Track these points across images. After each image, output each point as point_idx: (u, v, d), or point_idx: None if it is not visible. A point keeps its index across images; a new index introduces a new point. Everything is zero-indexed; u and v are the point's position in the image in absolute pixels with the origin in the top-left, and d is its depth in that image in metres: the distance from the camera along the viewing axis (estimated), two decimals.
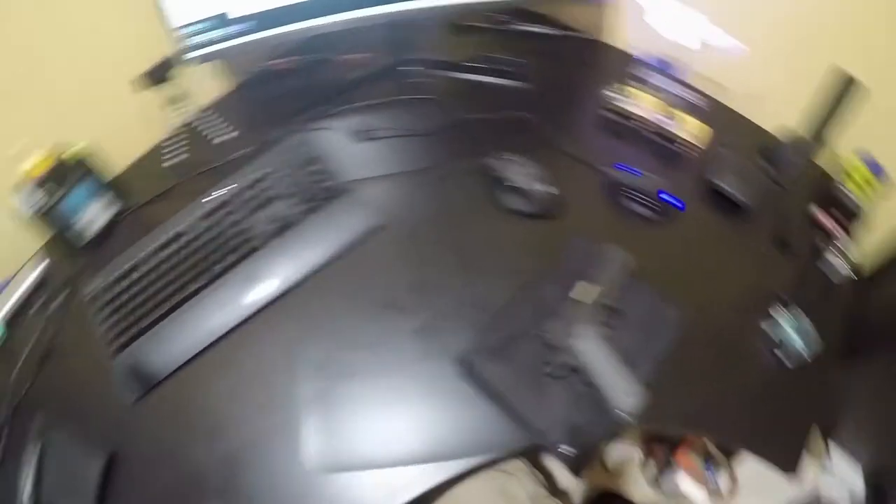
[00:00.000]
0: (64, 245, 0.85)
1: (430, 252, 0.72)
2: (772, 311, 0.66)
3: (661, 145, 0.80)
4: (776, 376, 0.64)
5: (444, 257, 0.72)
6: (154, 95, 0.88)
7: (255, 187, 0.78)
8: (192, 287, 0.73)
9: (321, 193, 0.77)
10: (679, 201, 0.74)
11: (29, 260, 0.91)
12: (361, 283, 0.71)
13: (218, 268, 0.74)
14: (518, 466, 0.71)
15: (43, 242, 0.86)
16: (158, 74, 0.85)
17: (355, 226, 0.74)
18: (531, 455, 0.74)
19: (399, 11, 0.83)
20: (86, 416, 0.72)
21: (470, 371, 0.64)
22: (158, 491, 0.64)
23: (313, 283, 0.72)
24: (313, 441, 0.62)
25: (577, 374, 0.62)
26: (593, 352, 0.62)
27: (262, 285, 0.72)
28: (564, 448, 0.60)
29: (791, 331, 0.65)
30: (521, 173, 0.72)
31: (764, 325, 0.66)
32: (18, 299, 0.87)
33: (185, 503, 0.63)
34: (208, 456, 0.64)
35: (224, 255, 0.75)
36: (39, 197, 0.79)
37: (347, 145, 0.81)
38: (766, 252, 0.73)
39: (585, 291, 0.66)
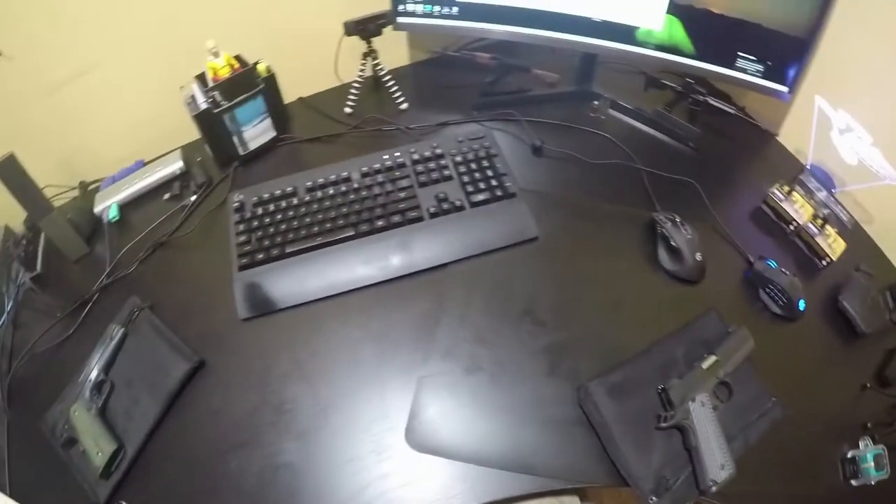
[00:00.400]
0: (219, 150, 0.88)
1: (578, 279, 0.76)
2: (860, 442, 0.68)
3: (801, 250, 0.84)
4: (842, 499, 0.66)
5: (591, 289, 0.75)
6: (350, 43, 0.92)
7: (430, 162, 0.82)
8: (338, 234, 0.77)
9: (491, 189, 0.80)
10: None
11: (168, 153, 0.95)
12: (506, 284, 0.75)
13: (366, 226, 0.77)
14: (573, 502, 0.74)
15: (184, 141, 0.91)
16: (364, 26, 0.88)
17: (517, 229, 0.78)
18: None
19: (599, 46, 0.88)
20: (187, 315, 0.77)
21: (587, 398, 0.66)
22: (235, 411, 0.68)
23: (459, 269, 0.76)
24: (417, 416, 0.65)
25: (681, 434, 0.66)
26: (704, 420, 0.65)
27: (410, 255, 0.76)
28: (654, 501, 0.63)
29: (871, 463, 0.66)
30: (684, 238, 0.76)
31: (846, 449, 0.68)
32: (146, 186, 0.91)
33: (257, 431, 0.66)
34: (295, 395, 0.68)
35: (380, 215, 0.78)
36: (216, 96, 0.82)
37: (523, 153, 0.85)
38: (868, 382, 0.76)
39: (710, 362, 0.69)
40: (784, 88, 0.82)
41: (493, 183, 0.80)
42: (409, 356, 0.70)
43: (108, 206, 0.89)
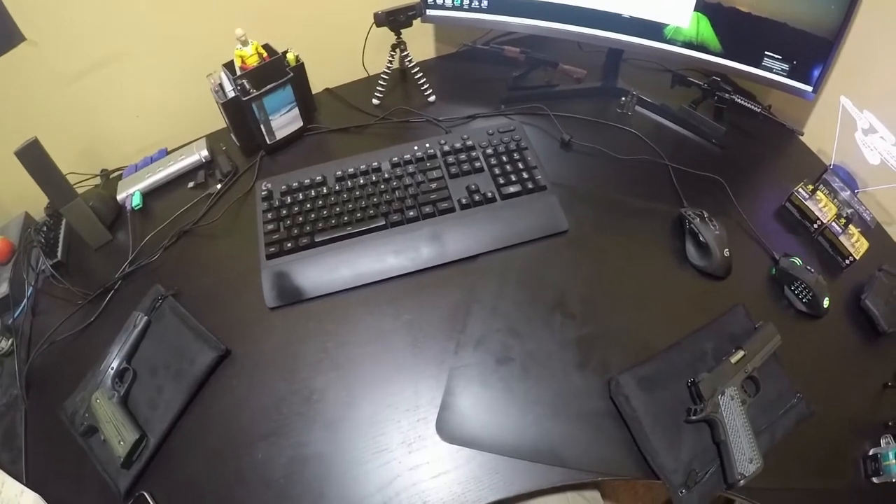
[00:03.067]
0: (246, 138, 0.88)
1: (607, 272, 0.76)
2: (882, 440, 0.68)
3: (824, 249, 0.84)
4: (864, 497, 0.66)
5: (620, 282, 0.75)
6: (377, 36, 0.92)
7: (460, 154, 0.82)
8: (369, 224, 0.76)
9: (522, 181, 0.80)
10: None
11: (192, 141, 0.94)
12: (537, 276, 0.75)
13: (397, 216, 0.77)
14: (595, 497, 0.74)
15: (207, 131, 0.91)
16: (395, 17, 0.88)
17: (547, 222, 0.78)
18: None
19: (627, 42, 0.88)
20: (212, 304, 0.76)
21: (618, 390, 0.66)
22: (262, 401, 0.67)
23: (490, 261, 0.76)
24: (448, 407, 0.65)
25: (710, 428, 0.66)
26: (733, 414, 0.66)
27: (441, 246, 0.76)
28: (684, 493, 0.63)
29: (892, 461, 0.66)
30: (713, 234, 0.76)
31: (868, 447, 0.68)
32: (170, 175, 0.90)
33: (285, 421, 0.66)
34: (324, 385, 0.67)
35: (411, 205, 0.78)
36: (245, 84, 0.82)
37: (552, 147, 0.85)
38: (889, 381, 0.75)
39: (738, 357, 0.69)
40: (809, 88, 0.83)
41: (524, 176, 0.80)
42: (441, 347, 0.69)
43: (130, 193, 0.88)
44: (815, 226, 0.82)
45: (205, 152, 0.91)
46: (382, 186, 0.79)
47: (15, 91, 0.86)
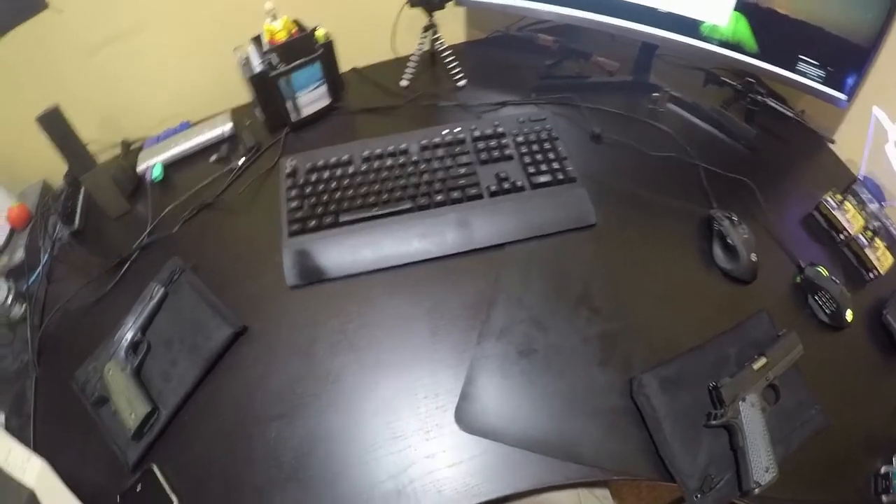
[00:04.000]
0: (271, 114, 0.87)
1: (633, 269, 0.75)
2: (894, 457, 0.67)
3: (849, 260, 0.83)
4: None
5: (646, 280, 0.74)
6: (407, 17, 0.91)
7: (490, 140, 0.81)
8: (395, 206, 0.75)
9: (553, 171, 0.79)
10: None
11: (215, 115, 0.93)
12: (563, 268, 0.74)
13: (425, 199, 0.76)
14: (605, 495, 0.74)
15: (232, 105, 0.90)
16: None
17: (576, 214, 0.77)
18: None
19: (663, 37, 0.87)
20: (231, 279, 0.75)
21: (640, 389, 0.65)
22: (278, 380, 0.67)
23: (517, 250, 0.75)
24: (468, 397, 0.64)
25: (729, 433, 0.65)
26: (753, 421, 0.65)
27: (468, 232, 0.75)
28: (699, 498, 0.62)
29: None
30: (741, 237, 0.75)
31: (880, 464, 0.67)
32: (192, 147, 0.89)
33: (300, 401, 0.65)
34: (341, 367, 0.66)
35: (439, 189, 0.77)
36: (273, 59, 0.81)
37: (581, 139, 0.84)
38: None
39: (760, 363, 0.68)
40: (843, 96, 0.81)
41: (555, 166, 0.78)
42: (463, 335, 0.68)
43: (151, 165, 0.87)
44: (842, 236, 0.81)
45: (229, 126, 0.90)
46: (410, 169, 0.78)
47: (38, 58, 0.85)
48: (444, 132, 0.81)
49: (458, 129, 0.82)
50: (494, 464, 0.60)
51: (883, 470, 0.66)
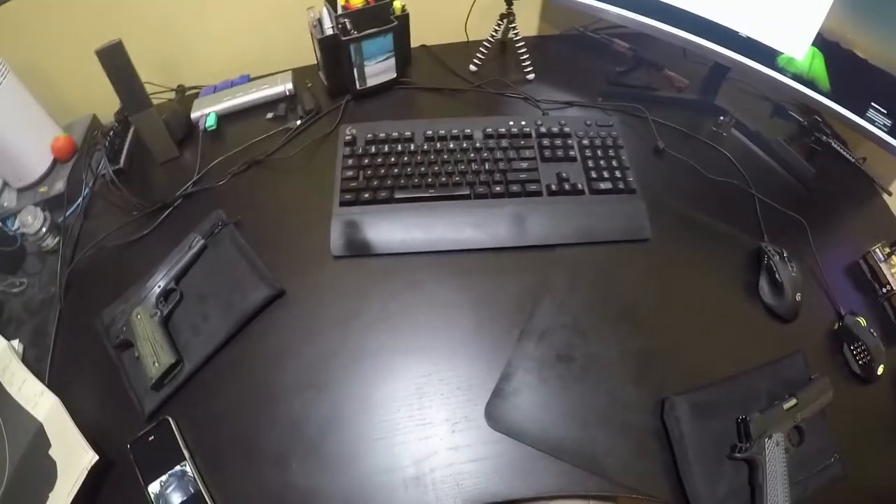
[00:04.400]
0: (336, 79, 0.85)
1: (679, 290, 0.74)
2: None
3: (887, 315, 0.82)
4: None
5: (690, 303, 0.73)
6: (484, 2, 0.89)
7: (556, 139, 0.80)
8: (453, 191, 0.74)
9: (614, 180, 0.78)
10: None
11: (278, 72, 0.91)
12: (611, 279, 0.73)
13: (483, 188, 0.75)
14: None
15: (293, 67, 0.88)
16: None
17: (631, 226, 0.76)
18: None
19: (739, 61, 0.85)
20: (274, 240, 0.74)
21: (671, 411, 0.65)
22: (311, 350, 0.66)
23: (568, 253, 0.74)
24: (500, 394, 0.63)
25: (750, 468, 0.65)
26: (776, 459, 0.65)
27: (523, 228, 0.74)
28: None
29: None
30: (789, 275, 0.74)
31: None
32: (249, 102, 0.88)
33: (331, 376, 0.64)
34: (378, 346, 0.66)
35: (499, 180, 0.76)
36: (346, 23, 0.79)
37: (644, 151, 0.83)
38: None
39: (790, 404, 0.68)
40: None
41: (617, 175, 0.77)
42: (504, 331, 0.68)
43: (205, 113, 0.86)
44: (885, 290, 0.80)
45: (290, 85, 0.88)
46: (472, 155, 0.77)
47: None
48: (510, 123, 0.80)
49: (524, 122, 0.80)
50: (517, 465, 0.60)
51: None
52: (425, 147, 0.77)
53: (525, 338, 0.67)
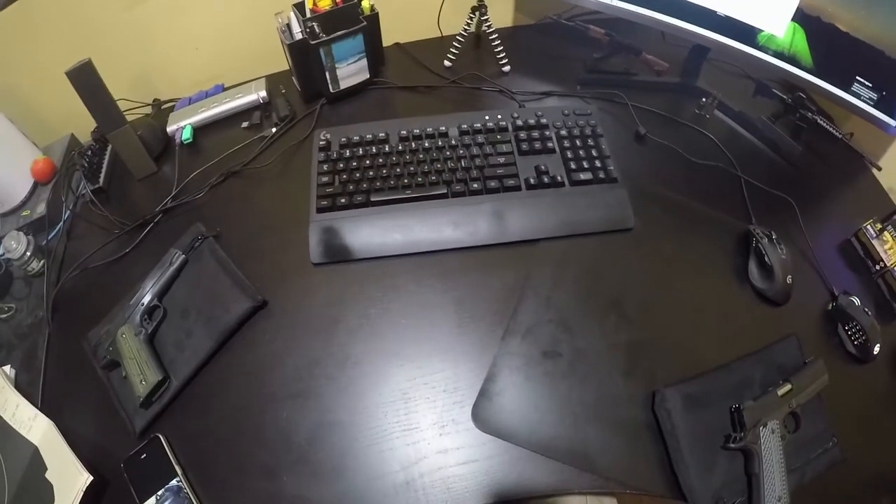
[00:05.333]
0: (308, 84, 0.84)
1: (666, 278, 0.73)
2: None
3: (882, 292, 0.81)
4: None
5: (678, 291, 0.72)
6: None
7: (533, 131, 0.78)
8: (430, 191, 0.73)
9: (594, 170, 0.77)
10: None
11: (250, 81, 0.90)
12: (595, 271, 0.72)
13: (460, 186, 0.74)
14: (612, 503, 0.73)
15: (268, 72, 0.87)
16: None
17: (614, 216, 0.75)
18: None
19: (717, 41, 0.84)
20: (254, 251, 0.73)
21: (662, 404, 0.64)
22: (294, 359, 0.65)
23: (550, 247, 0.73)
24: (487, 394, 0.63)
25: (745, 458, 0.64)
26: (771, 448, 0.63)
27: (502, 224, 0.73)
28: None
29: None
30: (779, 257, 0.73)
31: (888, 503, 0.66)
32: (224, 112, 0.87)
33: (316, 383, 0.64)
34: (361, 351, 0.65)
35: (476, 177, 0.75)
36: (315, 27, 0.78)
37: (625, 138, 0.81)
38: None
39: (784, 390, 0.67)
40: (893, 122, 0.78)
41: (597, 164, 0.76)
42: (488, 330, 0.67)
43: (181, 126, 0.85)
44: (878, 267, 0.79)
45: (263, 93, 0.87)
46: (448, 153, 0.76)
47: (73, 10, 0.83)
48: (485, 118, 0.79)
49: (500, 115, 0.79)
50: (506, 466, 0.59)
51: None
52: (400, 147, 0.76)
53: (509, 336, 0.66)
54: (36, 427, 0.64)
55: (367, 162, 0.75)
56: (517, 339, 0.66)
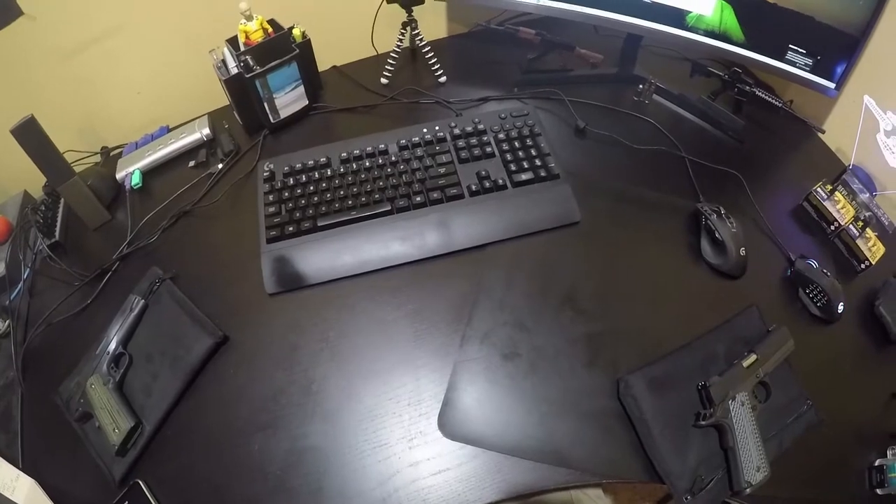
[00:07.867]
0: (249, 117, 0.85)
1: (619, 267, 0.74)
2: (888, 451, 0.66)
3: (840, 251, 0.82)
4: None
5: (632, 278, 0.73)
6: (388, 12, 0.89)
7: (471, 138, 0.79)
8: (374, 209, 0.74)
9: (535, 168, 0.77)
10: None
11: (194, 119, 0.91)
12: (546, 268, 0.72)
13: (404, 201, 0.74)
14: (598, 494, 0.73)
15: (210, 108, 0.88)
16: None
17: (559, 212, 0.75)
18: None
19: (647, 28, 0.85)
20: (211, 288, 0.74)
21: (627, 391, 0.64)
22: (260, 390, 0.66)
23: (499, 251, 0.73)
24: (451, 403, 0.63)
25: (719, 433, 0.64)
26: (743, 420, 0.64)
27: (449, 234, 0.73)
28: (689, 500, 0.61)
29: None
30: (729, 231, 0.73)
31: (874, 457, 0.66)
32: (170, 153, 0.88)
33: (283, 412, 0.64)
34: (323, 375, 0.66)
35: (418, 190, 0.75)
36: (249, 61, 0.79)
37: (566, 134, 0.82)
38: None
39: (750, 360, 0.67)
40: (831, 85, 0.80)
41: (537, 163, 0.77)
42: (445, 339, 0.67)
43: (130, 172, 0.86)
44: (832, 227, 0.80)
45: (206, 130, 0.88)
46: (389, 170, 0.76)
47: (12, 66, 0.84)
48: (423, 131, 0.80)
49: (438, 127, 0.80)
50: (481, 470, 0.59)
51: (877, 463, 0.66)
52: (342, 170, 0.77)
53: (467, 343, 0.67)
54: (20, 487, 0.63)
55: (311, 188, 0.76)
56: (475, 344, 0.66)
